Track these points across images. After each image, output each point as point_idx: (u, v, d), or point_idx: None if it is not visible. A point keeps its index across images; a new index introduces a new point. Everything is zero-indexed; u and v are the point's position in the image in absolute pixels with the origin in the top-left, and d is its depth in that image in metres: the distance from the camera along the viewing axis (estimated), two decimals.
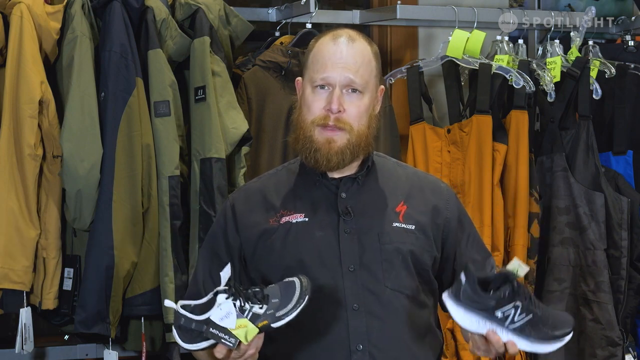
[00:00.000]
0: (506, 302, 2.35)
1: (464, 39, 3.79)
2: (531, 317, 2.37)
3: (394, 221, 2.56)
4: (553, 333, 2.39)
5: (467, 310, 2.37)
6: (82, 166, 3.21)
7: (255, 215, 2.58)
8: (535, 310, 2.38)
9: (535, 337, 2.38)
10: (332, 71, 2.52)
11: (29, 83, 3.20)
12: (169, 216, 3.30)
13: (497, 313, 2.36)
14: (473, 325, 2.38)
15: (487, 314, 2.36)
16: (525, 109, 3.76)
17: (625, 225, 3.77)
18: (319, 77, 2.52)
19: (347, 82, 2.52)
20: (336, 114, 2.50)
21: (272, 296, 2.34)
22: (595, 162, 3.78)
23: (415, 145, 3.74)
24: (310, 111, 2.53)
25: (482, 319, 2.37)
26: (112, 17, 3.29)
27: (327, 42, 2.56)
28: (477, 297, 2.36)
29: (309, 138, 2.52)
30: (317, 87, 2.53)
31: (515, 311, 2.36)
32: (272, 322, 2.33)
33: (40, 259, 3.28)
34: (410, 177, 2.66)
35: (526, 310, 2.36)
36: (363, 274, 2.51)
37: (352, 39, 2.56)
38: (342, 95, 2.51)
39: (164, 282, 3.30)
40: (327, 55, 2.54)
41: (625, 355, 3.79)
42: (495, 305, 2.35)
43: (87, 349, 3.53)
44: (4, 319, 3.37)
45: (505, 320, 2.36)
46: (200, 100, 3.37)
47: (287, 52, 3.67)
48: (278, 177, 2.65)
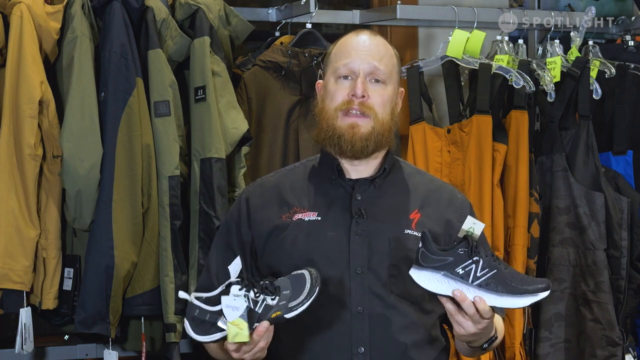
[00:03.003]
0: (465, 258, 2.35)
1: (464, 39, 3.79)
2: (495, 272, 2.35)
3: (406, 228, 2.55)
4: (523, 287, 2.36)
5: (428, 271, 2.37)
6: (82, 166, 3.21)
7: (268, 211, 2.57)
8: (499, 266, 2.37)
9: (504, 291, 2.36)
10: (357, 59, 2.52)
11: (29, 83, 3.20)
12: (169, 216, 3.30)
13: (458, 269, 2.35)
14: (437, 286, 2.37)
15: (448, 272, 2.36)
16: (525, 109, 3.76)
17: (625, 225, 3.77)
18: (342, 65, 2.53)
19: (371, 70, 2.52)
20: (360, 99, 2.50)
21: (283, 288, 2.34)
22: (595, 162, 3.78)
23: (415, 145, 3.73)
24: (333, 100, 2.53)
25: (444, 277, 2.36)
26: (112, 17, 3.29)
27: (350, 36, 2.59)
28: (434, 257, 2.36)
29: (332, 126, 2.52)
30: (340, 78, 2.53)
31: (477, 266, 2.35)
32: (285, 313, 2.32)
33: (40, 259, 3.28)
34: (427, 185, 2.65)
35: (489, 266, 2.35)
36: (370, 277, 2.51)
37: (375, 35, 2.60)
38: (366, 82, 2.51)
39: (164, 282, 3.30)
40: (351, 45, 2.55)
41: (625, 355, 3.79)
42: (454, 262, 2.35)
43: (87, 349, 3.52)
44: (4, 319, 3.37)
45: (468, 276, 2.35)
46: (200, 100, 3.37)
47: (287, 52, 3.67)
48: (295, 174, 2.64)
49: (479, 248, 2.37)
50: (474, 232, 2.37)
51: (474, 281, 2.35)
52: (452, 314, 2.39)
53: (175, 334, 3.30)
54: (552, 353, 3.74)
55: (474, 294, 2.36)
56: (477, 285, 2.35)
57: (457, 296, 2.35)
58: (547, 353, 3.74)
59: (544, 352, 3.74)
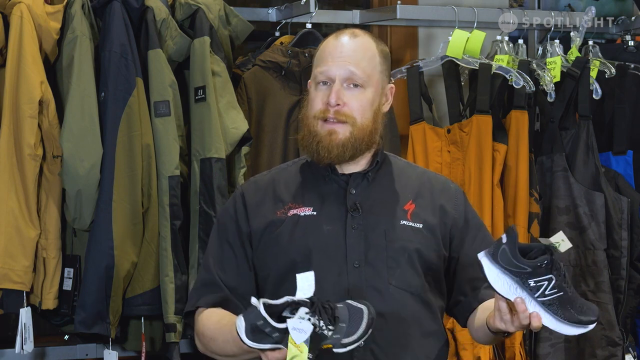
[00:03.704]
0: (542, 273, 2.29)
1: (464, 39, 3.79)
2: (562, 294, 2.31)
3: (401, 219, 2.55)
4: (579, 317, 2.32)
5: (501, 271, 2.32)
6: (82, 166, 3.21)
7: (264, 207, 2.57)
8: (567, 289, 2.32)
9: (561, 316, 2.32)
10: (332, 65, 2.51)
11: (29, 83, 3.20)
12: (169, 216, 3.30)
13: (530, 281, 2.30)
14: (504, 289, 2.32)
15: (520, 280, 2.30)
16: (525, 109, 3.76)
17: (625, 225, 3.77)
18: (319, 72, 2.53)
19: (347, 76, 2.51)
20: (335, 107, 2.49)
21: (341, 319, 2.27)
22: (595, 162, 3.78)
23: (415, 145, 3.73)
24: (312, 107, 2.53)
25: (514, 284, 2.31)
26: (112, 17, 3.29)
27: (330, 39, 2.58)
28: (514, 261, 2.30)
29: (313, 132, 2.52)
30: (319, 84, 2.53)
31: (548, 284, 2.30)
32: (335, 347, 2.26)
33: (40, 259, 3.28)
34: (419, 176, 2.65)
35: (558, 287, 2.30)
36: (368, 270, 2.50)
37: (355, 35, 2.56)
38: (342, 89, 2.50)
39: (164, 282, 3.30)
40: (328, 51, 2.55)
41: (625, 355, 3.79)
42: (530, 273, 2.30)
43: (87, 349, 3.52)
44: (4, 319, 3.37)
45: (537, 291, 2.30)
46: (200, 100, 3.37)
47: (287, 52, 3.67)
48: (288, 171, 2.64)
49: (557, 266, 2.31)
50: (558, 247, 2.33)
51: (540, 297, 2.31)
52: (502, 313, 2.35)
53: (175, 334, 3.30)
54: (552, 353, 3.74)
55: (534, 308, 2.31)
56: (540, 302, 2.31)
57: (517, 305, 2.31)
58: (547, 353, 3.74)
59: (544, 352, 3.74)
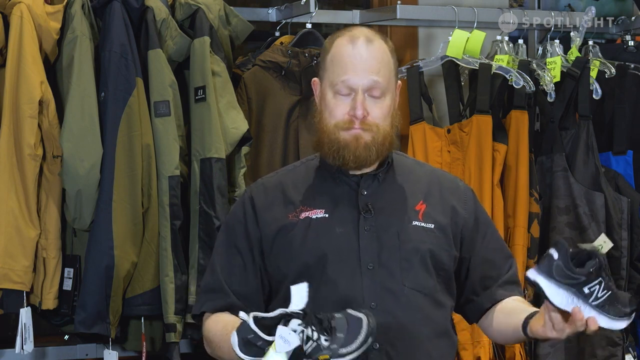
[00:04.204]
0: (593, 278, 2.31)
1: (464, 39, 3.79)
2: (610, 293, 2.33)
3: (413, 220, 2.55)
4: (625, 310, 2.35)
5: (559, 286, 2.32)
6: (82, 166, 3.21)
7: (274, 210, 2.55)
8: (613, 286, 2.35)
9: (613, 314, 2.34)
10: (354, 75, 2.48)
11: (29, 83, 3.20)
12: (169, 216, 3.30)
13: (585, 289, 2.32)
14: (562, 301, 2.33)
15: (576, 289, 2.32)
16: (525, 109, 3.76)
17: (625, 225, 3.77)
18: (340, 80, 2.49)
19: (370, 85, 2.48)
20: (360, 119, 2.48)
21: (338, 329, 2.26)
22: (595, 162, 3.78)
23: (415, 145, 3.73)
24: (332, 115, 2.50)
25: (571, 294, 2.32)
26: (112, 17, 3.29)
27: (346, 44, 2.51)
28: (570, 273, 2.31)
29: (335, 140, 2.49)
30: (338, 92, 2.50)
31: (600, 287, 2.32)
32: (333, 357, 2.24)
33: (40, 259, 3.28)
34: (428, 175, 2.64)
35: (607, 287, 2.33)
36: (381, 272, 2.50)
37: (370, 40, 2.52)
38: (364, 100, 2.49)
39: (164, 282, 3.30)
40: (347, 58, 2.50)
41: (625, 355, 3.79)
42: (584, 281, 2.31)
43: (87, 349, 3.52)
44: (4, 319, 3.37)
45: (591, 296, 2.32)
46: (200, 100, 3.37)
47: (287, 52, 3.67)
48: (296, 173, 2.62)
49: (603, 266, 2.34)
50: (602, 249, 2.34)
51: (594, 301, 2.33)
52: (555, 323, 2.35)
53: (175, 334, 3.30)
54: (552, 353, 3.74)
55: (590, 314, 2.33)
56: (595, 305, 2.33)
57: (575, 314, 2.32)
58: (547, 353, 3.74)
59: (544, 352, 3.74)
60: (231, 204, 3.32)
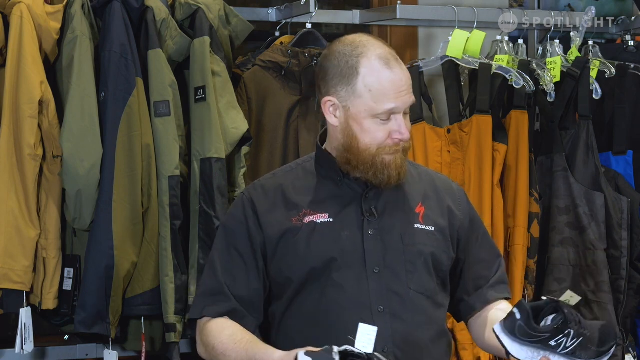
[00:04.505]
0: (560, 331, 2.37)
1: (464, 39, 3.79)
2: (582, 340, 2.38)
3: (415, 223, 2.56)
4: (600, 350, 2.40)
5: (522, 344, 2.39)
6: (82, 166, 3.21)
7: (276, 213, 2.54)
8: (585, 332, 2.39)
9: (585, 357, 2.39)
10: (398, 102, 2.49)
11: (29, 83, 3.20)
12: (169, 216, 3.30)
13: (551, 342, 2.37)
14: (528, 356, 2.40)
15: (541, 345, 2.38)
16: (525, 109, 3.76)
17: (625, 225, 3.77)
18: (385, 108, 2.48)
19: (407, 106, 2.53)
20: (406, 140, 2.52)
21: None
22: (595, 162, 3.77)
23: (415, 145, 3.73)
24: (374, 139, 2.50)
25: (537, 350, 2.39)
26: (112, 17, 3.29)
27: (381, 69, 2.49)
28: (532, 332, 2.37)
29: (380, 162, 2.50)
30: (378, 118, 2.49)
31: (567, 338, 2.37)
32: None
33: (40, 259, 3.28)
34: (423, 176, 2.66)
35: (577, 335, 2.37)
36: (387, 275, 2.50)
37: (398, 61, 2.52)
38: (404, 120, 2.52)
39: (164, 282, 3.30)
40: (389, 84, 2.49)
41: (625, 355, 3.79)
42: (549, 337, 2.37)
43: (87, 349, 3.52)
44: (4, 319, 3.37)
45: (559, 347, 2.37)
46: (200, 100, 3.37)
47: (287, 52, 3.67)
48: (295, 175, 2.60)
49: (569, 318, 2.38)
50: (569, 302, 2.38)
51: (563, 350, 2.38)
52: None
53: (175, 334, 3.30)
54: None
55: None
56: (564, 354, 2.38)
57: None
58: None
59: None
60: (231, 203, 3.31)
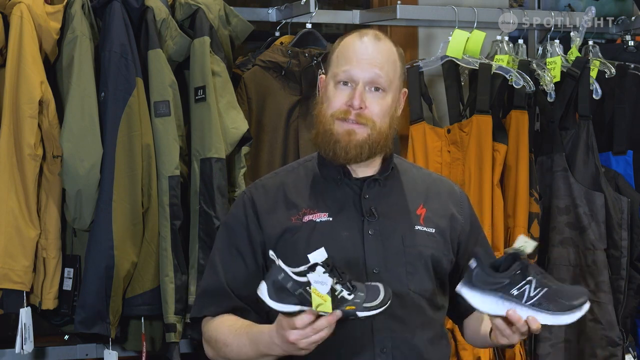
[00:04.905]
0: (520, 279, 2.35)
1: (464, 39, 3.79)
2: (547, 290, 2.36)
3: (415, 224, 2.56)
4: (571, 303, 2.38)
5: (483, 293, 2.36)
6: (82, 166, 3.21)
7: (277, 213, 2.54)
8: (549, 283, 2.38)
9: (554, 309, 2.37)
10: (357, 67, 2.49)
11: (29, 83, 3.20)
12: (169, 216, 3.30)
13: (513, 291, 2.35)
14: (492, 308, 2.37)
15: (503, 293, 2.36)
16: (525, 109, 3.76)
17: (625, 225, 3.78)
18: (342, 71, 2.49)
19: (371, 79, 2.49)
20: (357, 110, 2.47)
21: (359, 289, 2.30)
22: (595, 162, 3.78)
23: (415, 145, 3.73)
24: (330, 105, 2.50)
25: (499, 299, 2.36)
26: (112, 17, 3.29)
27: (353, 39, 2.53)
28: (490, 278, 2.35)
29: (329, 131, 2.49)
30: (339, 83, 2.50)
31: (530, 286, 2.35)
32: (358, 310, 2.27)
33: (40, 259, 3.28)
34: (425, 179, 2.65)
35: (540, 285, 2.36)
36: (387, 276, 2.49)
37: (378, 38, 2.54)
38: (364, 92, 2.48)
39: (164, 282, 3.30)
40: (353, 51, 2.51)
41: (625, 355, 3.79)
42: (509, 283, 2.35)
43: (87, 349, 3.53)
44: (4, 319, 3.37)
45: (522, 297, 2.35)
46: (200, 100, 3.37)
47: (287, 52, 3.67)
48: (296, 175, 2.61)
49: (530, 267, 2.38)
50: (525, 250, 2.37)
51: (527, 301, 2.36)
52: (501, 330, 2.39)
53: (175, 334, 3.30)
54: (552, 353, 3.74)
55: (527, 313, 2.36)
56: (529, 305, 2.37)
57: (511, 316, 2.36)
58: (547, 353, 3.74)
59: (544, 352, 3.74)
60: (231, 203, 3.31)
